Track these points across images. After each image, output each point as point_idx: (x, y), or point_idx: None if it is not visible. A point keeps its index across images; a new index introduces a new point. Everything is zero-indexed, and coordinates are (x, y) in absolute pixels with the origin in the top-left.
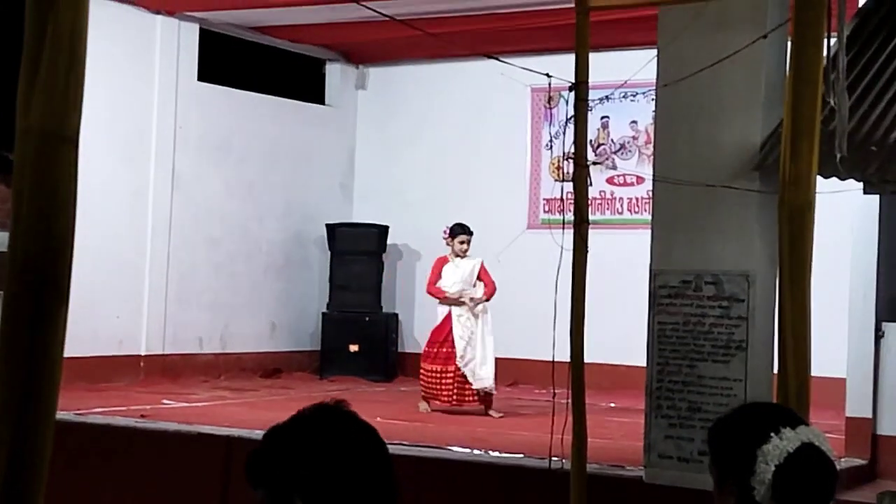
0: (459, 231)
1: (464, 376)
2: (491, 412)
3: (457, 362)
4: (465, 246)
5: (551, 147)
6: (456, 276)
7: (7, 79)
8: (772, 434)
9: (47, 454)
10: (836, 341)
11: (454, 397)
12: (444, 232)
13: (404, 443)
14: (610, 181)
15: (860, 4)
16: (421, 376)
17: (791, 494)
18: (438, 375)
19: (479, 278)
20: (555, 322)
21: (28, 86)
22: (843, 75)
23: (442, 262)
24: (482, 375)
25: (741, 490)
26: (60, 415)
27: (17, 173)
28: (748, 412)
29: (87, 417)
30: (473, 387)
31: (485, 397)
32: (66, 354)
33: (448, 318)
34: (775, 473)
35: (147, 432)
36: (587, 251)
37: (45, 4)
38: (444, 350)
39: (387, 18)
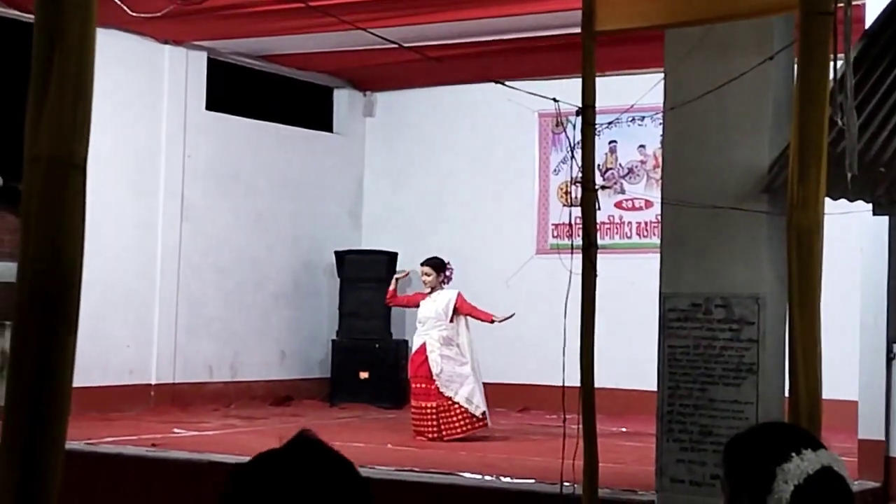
0: (422, 262)
1: (447, 409)
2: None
3: (449, 396)
4: (424, 278)
5: (559, 172)
6: (429, 311)
7: (15, 109)
8: (793, 454)
9: (57, 484)
10: (848, 364)
11: (441, 431)
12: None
13: (415, 469)
14: (618, 205)
15: (866, 27)
16: (411, 411)
17: None
18: (420, 411)
19: (460, 312)
20: (564, 347)
21: (36, 114)
22: (851, 94)
23: (417, 298)
24: (477, 402)
25: None
26: (70, 444)
27: (25, 202)
28: (769, 430)
29: (97, 447)
30: (469, 409)
31: (470, 424)
32: (76, 384)
33: (421, 351)
34: (794, 493)
35: (158, 461)
36: (596, 275)
37: (52, 32)
38: (421, 386)
39: (394, 45)
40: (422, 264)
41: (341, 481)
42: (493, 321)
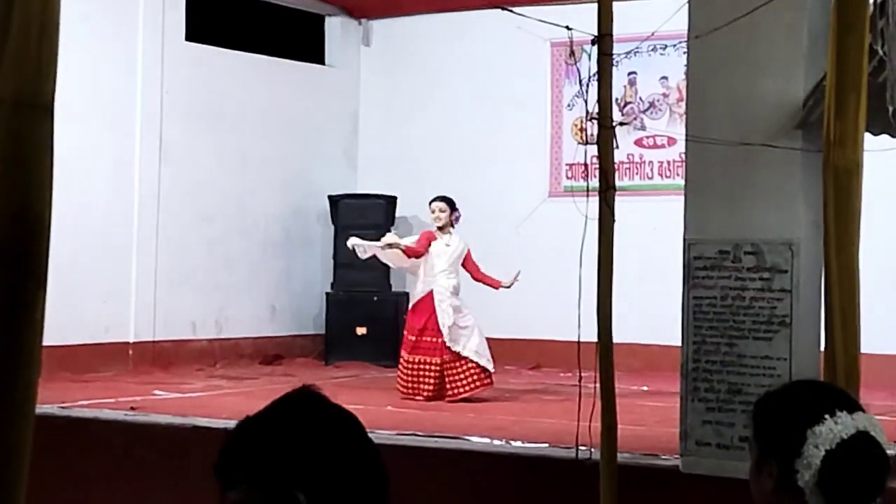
0: (433, 200)
1: (453, 365)
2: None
3: (457, 351)
4: (435, 214)
5: (573, 106)
6: (442, 257)
7: None
8: (826, 416)
9: (27, 451)
10: (890, 315)
11: (445, 389)
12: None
13: (418, 433)
14: (638, 143)
15: None
16: (399, 368)
17: (837, 484)
18: (417, 367)
19: (465, 267)
20: (580, 299)
21: None
22: (892, 20)
23: (429, 236)
24: (487, 355)
25: (783, 472)
26: (43, 408)
27: None
28: (801, 389)
29: (71, 411)
30: (480, 363)
31: (479, 381)
32: (47, 342)
33: (428, 301)
34: (824, 459)
35: (138, 426)
36: (614, 220)
37: None
38: (429, 339)
39: None
40: (437, 200)
41: (347, 434)
42: (499, 287)
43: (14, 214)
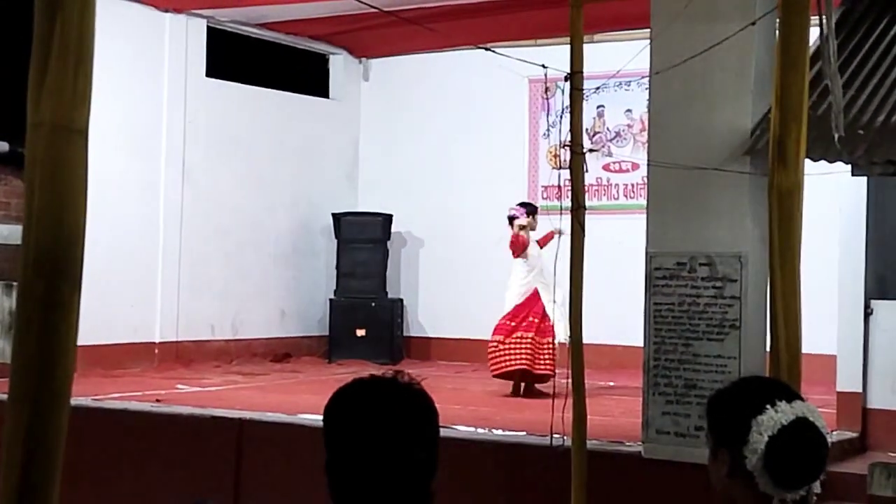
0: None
1: (545, 344)
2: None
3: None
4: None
5: (548, 135)
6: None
7: (18, 76)
8: (767, 406)
9: (62, 438)
10: (827, 319)
11: (532, 360)
12: (518, 213)
13: None
14: (606, 168)
15: None
16: (496, 350)
17: (781, 465)
18: (516, 341)
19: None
20: (554, 304)
21: (38, 82)
22: (833, 57)
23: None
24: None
25: (733, 458)
26: (78, 400)
27: (28, 167)
28: (746, 384)
29: (103, 403)
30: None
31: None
32: (82, 342)
33: (536, 296)
34: (768, 444)
35: (162, 416)
36: (584, 235)
37: (53, 4)
38: (530, 320)
39: (386, 12)
40: (535, 212)
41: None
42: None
43: (52, 226)
